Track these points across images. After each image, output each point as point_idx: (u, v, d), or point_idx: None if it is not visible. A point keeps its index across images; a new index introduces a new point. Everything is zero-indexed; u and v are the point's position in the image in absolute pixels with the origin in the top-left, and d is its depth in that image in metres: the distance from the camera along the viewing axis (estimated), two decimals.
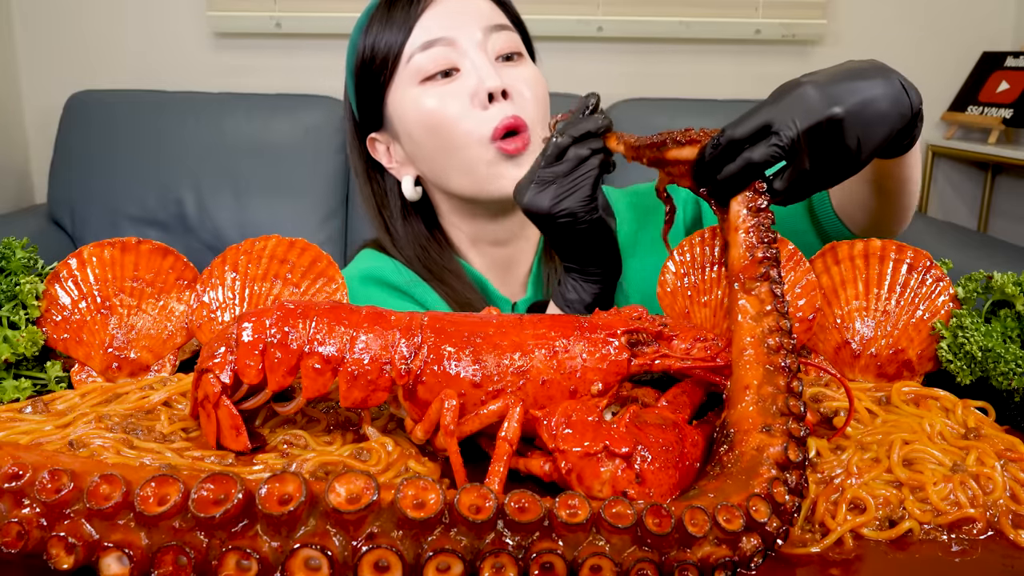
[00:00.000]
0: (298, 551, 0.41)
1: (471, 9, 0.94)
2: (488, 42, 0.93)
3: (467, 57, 0.91)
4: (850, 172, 0.61)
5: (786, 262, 0.69)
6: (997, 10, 2.62)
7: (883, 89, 0.60)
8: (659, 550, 0.44)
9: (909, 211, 0.83)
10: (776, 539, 0.48)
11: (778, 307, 0.57)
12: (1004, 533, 0.51)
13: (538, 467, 0.55)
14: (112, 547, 0.42)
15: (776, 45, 2.55)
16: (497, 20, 0.94)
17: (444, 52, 0.91)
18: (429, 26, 0.92)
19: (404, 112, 0.94)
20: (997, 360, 0.65)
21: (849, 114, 0.58)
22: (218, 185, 2.32)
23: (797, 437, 0.52)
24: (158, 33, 2.51)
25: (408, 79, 0.92)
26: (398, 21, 0.93)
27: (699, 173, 0.63)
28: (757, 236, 0.59)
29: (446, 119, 0.90)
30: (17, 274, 0.71)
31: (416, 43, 0.91)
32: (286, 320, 0.57)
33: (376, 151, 1.01)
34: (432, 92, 0.91)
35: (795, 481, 0.50)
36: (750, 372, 0.56)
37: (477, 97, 0.90)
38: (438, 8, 0.93)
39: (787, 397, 0.54)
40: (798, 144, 0.58)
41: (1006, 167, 2.50)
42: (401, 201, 1.02)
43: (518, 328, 0.60)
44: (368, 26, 0.96)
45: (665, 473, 0.52)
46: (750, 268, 0.58)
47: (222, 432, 0.57)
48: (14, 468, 0.44)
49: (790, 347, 0.56)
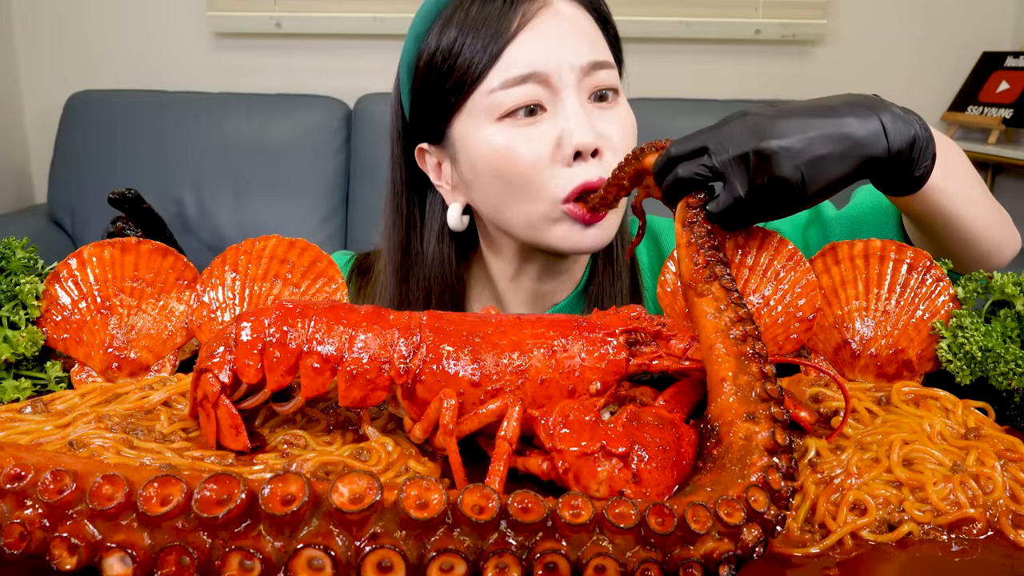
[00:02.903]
0: (301, 551, 0.41)
1: (573, 37, 0.81)
2: (585, 81, 0.80)
3: (559, 99, 0.79)
4: (796, 206, 0.62)
5: (786, 262, 0.69)
6: (997, 10, 2.62)
7: (848, 128, 0.61)
8: (662, 549, 0.44)
9: (975, 248, 0.76)
10: (775, 526, 0.48)
11: (734, 300, 0.59)
12: (1004, 533, 0.51)
13: (536, 466, 0.55)
14: (115, 547, 0.42)
15: (776, 45, 2.55)
16: (598, 56, 0.81)
17: (533, 90, 0.79)
18: (521, 53, 0.79)
19: (472, 144, 0.82)
20: (997, 360, 0.65)
21: (785, 149, 0.59)
22: (218, 185, 2.32)
23: (781, 420, 0.53)
24: (158, 33, 2.51)
25: (484, 112, 0.80)
26: (483, 35, 0.79)
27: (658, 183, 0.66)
28: (696, 244, 0.62)
29: (519, 166, 0.79)
30: (17, 274, 0.71)
31: (502, 76, 0.79)
32: (285, 319, 0.57)
33: (425, 163, 0.90)
34: (510, 132, 0.79)
35: (786, 465, 0.51)
36: (723, 365, 0.56)
37: (561, 151, 0.78)
38: (534, 29, 0.79)
39: (763, 382, 0.55)
40: (730, 169, 0.61)
41: (1006, 167, 2.50)
42: (440, 223, 0.90)
43: (517, 327, 0.60)
44: (443, 24, 0.82)
45: (662, 472, 0.52)
46: (697, 274, 0.60)
47: (222, 432, 0.57)
48: (16, 469, 0.44)
49: (755, 334, 0.57)
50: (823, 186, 0.61)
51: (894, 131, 0.62)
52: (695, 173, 0.63)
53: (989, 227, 0.76)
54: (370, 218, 2.35)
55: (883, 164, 0.63)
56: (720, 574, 0.45)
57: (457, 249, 0.91)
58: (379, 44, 2.47)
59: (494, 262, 0.93)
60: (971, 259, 0.78)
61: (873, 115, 0.62)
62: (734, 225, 0.64)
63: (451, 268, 0.90)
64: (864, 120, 0.62)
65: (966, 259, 0.78)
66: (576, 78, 0.80)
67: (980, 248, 0.77)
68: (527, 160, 0.79)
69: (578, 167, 0.78)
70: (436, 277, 0.90)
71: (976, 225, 0.75)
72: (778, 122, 0.61)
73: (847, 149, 0.61)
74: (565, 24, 0.81)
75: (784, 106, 0.63)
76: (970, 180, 0.75)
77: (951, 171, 0.71)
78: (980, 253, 0.77)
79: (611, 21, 0.88)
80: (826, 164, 0.61)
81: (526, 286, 0.93)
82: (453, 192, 0.88)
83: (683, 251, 0.63)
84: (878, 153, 0.62)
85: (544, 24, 0.80)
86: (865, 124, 0.62)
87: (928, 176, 0.67)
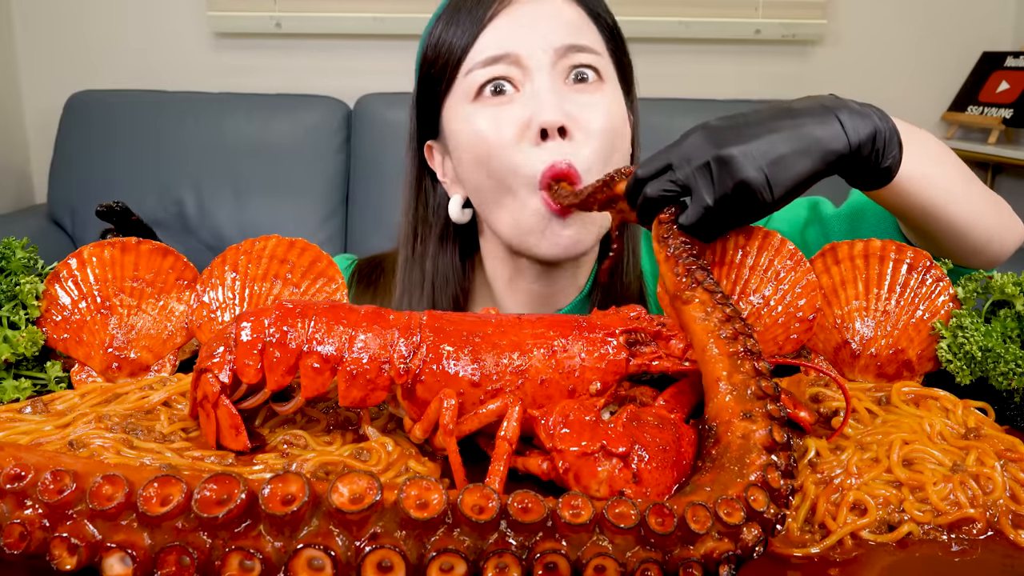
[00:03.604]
0: (301, 551, 0.41)
1: (549, 19, 0.81)
2: (561, 62, 0.81)
3: (530, 78, 0.80)
4: (767, 208, 0.63)
5: (787, 262, 0.69)
6: (997, 10, 2.62)
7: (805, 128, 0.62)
8: (662, 549, 0.44)
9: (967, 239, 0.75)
10: (775, 525, 0.48)
11: (719, 300, 0.59)
12: (1004, 533, 0.51)
13: (536, 466, 0.55)
14: (115, 547, 0.42)
15: (776, 45, 2.55)
16: (576, 40, 0.82)
17: (506, 70, 0.80)
18: (497, 36, 0.81)
19: (455, 130, 0.84)
20: (997, 360, 0.65)
21: (744, 152, 0.61)
22: (218, 185, 2.32)
23: (778, 417, 0.53)
24: (158, 33, 2.51)
25: (463, 95, 0.83)
26: (464, 23, 0.82)
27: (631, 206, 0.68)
28: (675, 257, 0.62)
29: (493, 145, 0.80)
30: (17, 274, 0.71)
31: (479, 55, 0.81)
32: (285, 319, 0.57)
33: (433, 160, 0.92)
34: (484, 112, 0.81)
35: (785, 463, 0.51)
36: (718, 365, 0.56)
37: (530, 129, 0.79)
38: (511, 14, 0.81)
39: (758, 380, 0.55)
40: (694, 180, 0.62)
41: (1006, 167, 2.50)
42: (444, 221, 0.92)
43: (517, 327, 0.60)
44: (436, 21, 0.85)
45: (662, 472, 0.52)
46: (680, 284, 0.61)
47: (221, 432, 0.57)
48: (16, 469, 0.44)
49: (746, 331, 0.57)
50: (789, 186, 0.62)
51: (852, 125, 0.63)
52: (663, 190, 0.64)
53: (979, 216, 0.75)
54: (370, 218, 2.35)
55: (849, 159, 0.64)
56: (720, 574, 0.45)
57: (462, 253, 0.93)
58: (379, 44, 2.47)
59: (492, 265, 0.93)
60: (966, 251, 0.77)
61: (829, 112, 0.64)
62: (709, 235, 0.65)
63: (455, 270, 0.91)
64: (820, 117, 0.63)
65: (960, 251, 0.77)
66: (550, 60, 0.80)
67: (973, 238, 0.76)
68: (494, 137, 0.80)
69: (549, 145, 0.79)
70: (440, 279, 0.91)
71: (963, 214, 0.74)
72: (735, 129, 0.63)
73: (807, 147, 0.62)
74: (543, 10, 0.82)
75: (742, 114, 0.64)
76: (952, 170, 0.75)
77: (928, 161, 0.72)
78: (974, 244, 0.76)
79: (605, 17, 0.87)
80: (788, 163, 0.62)
81: (524, 288, 0.93)
82: (453, 185, 0.90)
83: (663, 266, 0.63)
84: (840, 148, 0.63)
85: (522, 9, 0.82)
86: (822, 121, 0.63)
87: (897, 166, 0.68)
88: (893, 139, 0.66)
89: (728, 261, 0.70)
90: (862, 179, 0.68)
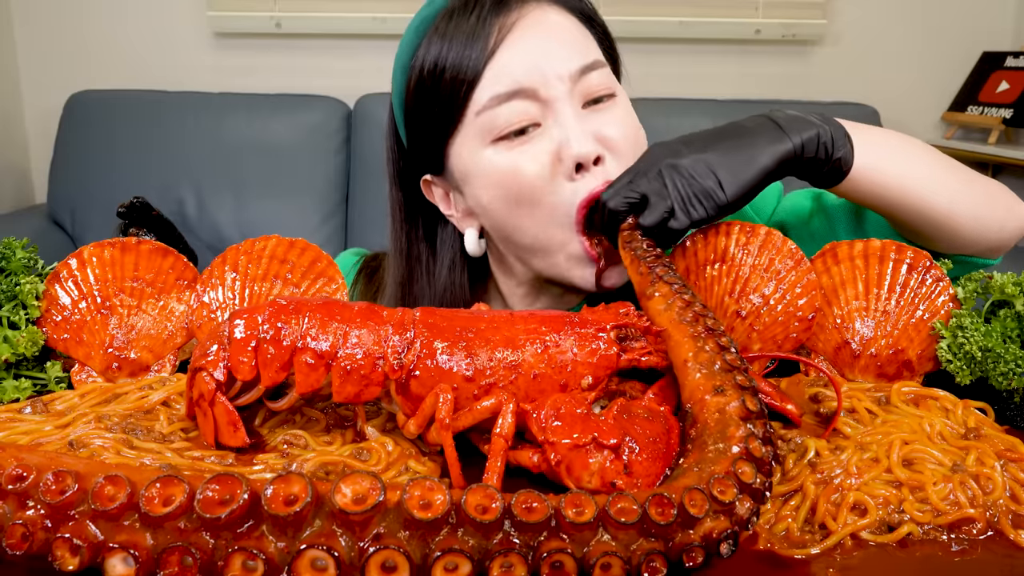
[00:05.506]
0: (304, 552, 0.41)
1: (556, 44, 0.77)
2: (576, 88, 0.77)
3: (552, 111, 0.76)
4: (726, 209, 0.68)
5: (787, 261, 0.69)
6: (997, 10, 2.62)
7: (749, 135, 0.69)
8: (664, 538, 0.44)
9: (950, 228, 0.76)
10: (764, 493, 0.49)
11: (677, 290, 0.61)
12: (1004, 533, 0.51)
13: (527, 459, 0.55)
14: (117, 548, 0.42)
15: (776, 45, 2.55)
16: (586, 59, 0.78)
17: (524, 108, 0.76)
18: (507, 68, 0.76)
19: (474, 171, 0.79)
20: (997, 360, 0.65)
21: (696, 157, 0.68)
22: (218, 185, 2.32)
23: (747, 387, 0.54)
24: (158, 33, 2.51)
25: (477, 134, 0.77)
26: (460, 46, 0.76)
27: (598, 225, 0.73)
28: (638, 258, 0.65)
29: (523, 185, 0.76)
30: (17, 274, 0.71)
31: (489, 91, 0.76)
32: (279, 316, 0.57)
33: (432, 195, 0.87)
34: (507, 153, 0.77)
35: (762, 431, 0.52)
36: (683, 347, 0.58)
37: (563, 165, 0.75)
38: (518, 43, 0.76)
39: (722, 354, 0.56)
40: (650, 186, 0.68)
41: (1006, 167, 2.50)
42: (453, 253, 0.88)
43: (509, 323, 0.60)
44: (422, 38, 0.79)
45: (652, 463, 0.53)
46: (644, 282, 0.64)
47: (220, 429, 0.57)
48: (18, 470, 0.44)
49: (706, 313, 0.59)
50: (743, 187, 0.68)
51: (794, 128, 0.70)
52: (624, 199, 0.69)
53: (961, 203, 0.75)
54: (370, 218, 2.35)
55: (797, 159, 0.69)
56: (721, 551, 0.46)
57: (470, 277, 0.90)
58: (379, 44, 2.47)
59: (507, 286, 0.91)
60: (955, 239, 0.77)
61: (770, 121, 0.70)
62: (671, 239, 0.69)
63: (464, 297, 0.88)
64: (763, 125, 0.70)
65: (948, 239, 0.77)
66: (567, 88, 0.76)
67: (958, 225, 0.76)
68: (529, 178, 0.76)
69: (582, 179, 0.76)
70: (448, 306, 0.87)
71: (940, 202, 0.74)
72: (687, 143, 0.70)
73: (753, 152, 0.68)
74: (547, 31, 0.78)
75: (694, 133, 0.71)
76: (919, 161, 0.75)
77: (890, 154, 0.74)
78: (962, 230, 0.76)
79: (596, 18, 0.84)
80: (736, 166, 0.68)
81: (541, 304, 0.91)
82: (465, 219, 0.85)
83: (629, 269, 0.66)
84: (784, 148, 0.69)
85: (525, 34, 0.77)
86: (764, 127, 0.70)
87: (849, 161, 0.71)
88: (838, 133, 0.71)
89: (729, 259, 0.70)
90: (817, 177, 0.73)
